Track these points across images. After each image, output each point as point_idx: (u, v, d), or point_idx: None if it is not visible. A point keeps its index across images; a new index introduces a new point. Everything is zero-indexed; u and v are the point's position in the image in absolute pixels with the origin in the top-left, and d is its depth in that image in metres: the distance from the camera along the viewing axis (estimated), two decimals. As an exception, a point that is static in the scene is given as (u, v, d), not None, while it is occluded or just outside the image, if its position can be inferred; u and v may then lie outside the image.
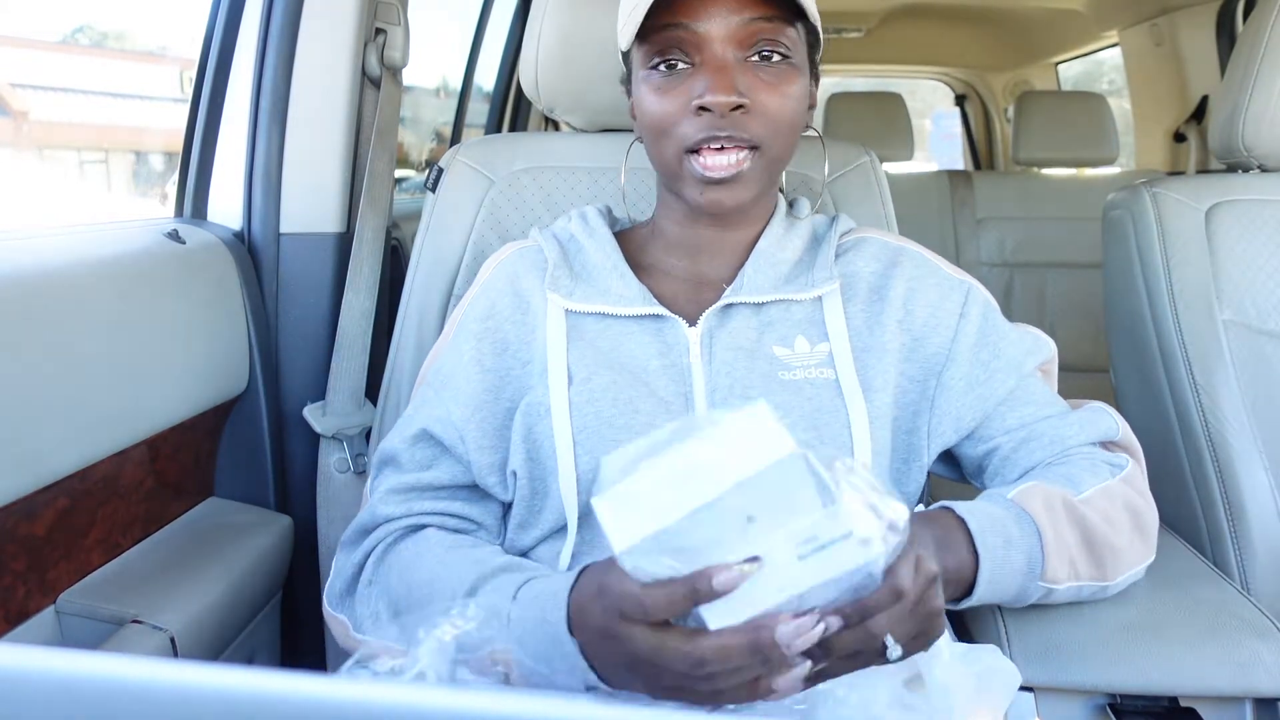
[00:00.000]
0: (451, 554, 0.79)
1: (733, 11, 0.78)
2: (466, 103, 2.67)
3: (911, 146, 2.96)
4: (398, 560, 0.81)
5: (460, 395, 0.84)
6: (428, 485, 0.85)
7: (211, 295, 1.18)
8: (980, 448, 0.87)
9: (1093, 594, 0.81)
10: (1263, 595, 1.09)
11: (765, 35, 0.79)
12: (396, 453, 0.86)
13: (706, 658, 0.57)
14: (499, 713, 0.24)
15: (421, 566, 0.79)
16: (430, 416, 0.85)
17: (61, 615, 0.95)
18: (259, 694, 0.24)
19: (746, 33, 0.78)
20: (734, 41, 0.78)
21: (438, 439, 0.85)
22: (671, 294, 0.87)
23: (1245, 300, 1.19)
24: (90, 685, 0.24)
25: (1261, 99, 1.20)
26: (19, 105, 1.65)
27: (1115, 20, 2.79)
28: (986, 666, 0.66)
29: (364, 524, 0.85)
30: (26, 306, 0.88)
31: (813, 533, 0.56)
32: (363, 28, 1.31)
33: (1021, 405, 0.86)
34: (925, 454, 0.85)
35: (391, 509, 0.84)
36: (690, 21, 0.78)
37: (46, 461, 0.89)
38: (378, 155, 1.34)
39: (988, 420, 0.86)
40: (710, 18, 0.78)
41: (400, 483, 0.85)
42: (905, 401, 0.85)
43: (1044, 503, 0.77)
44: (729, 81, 0.77)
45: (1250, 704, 0.80)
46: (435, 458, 0.85)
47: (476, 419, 0.84)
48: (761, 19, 0.78)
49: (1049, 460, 0.85)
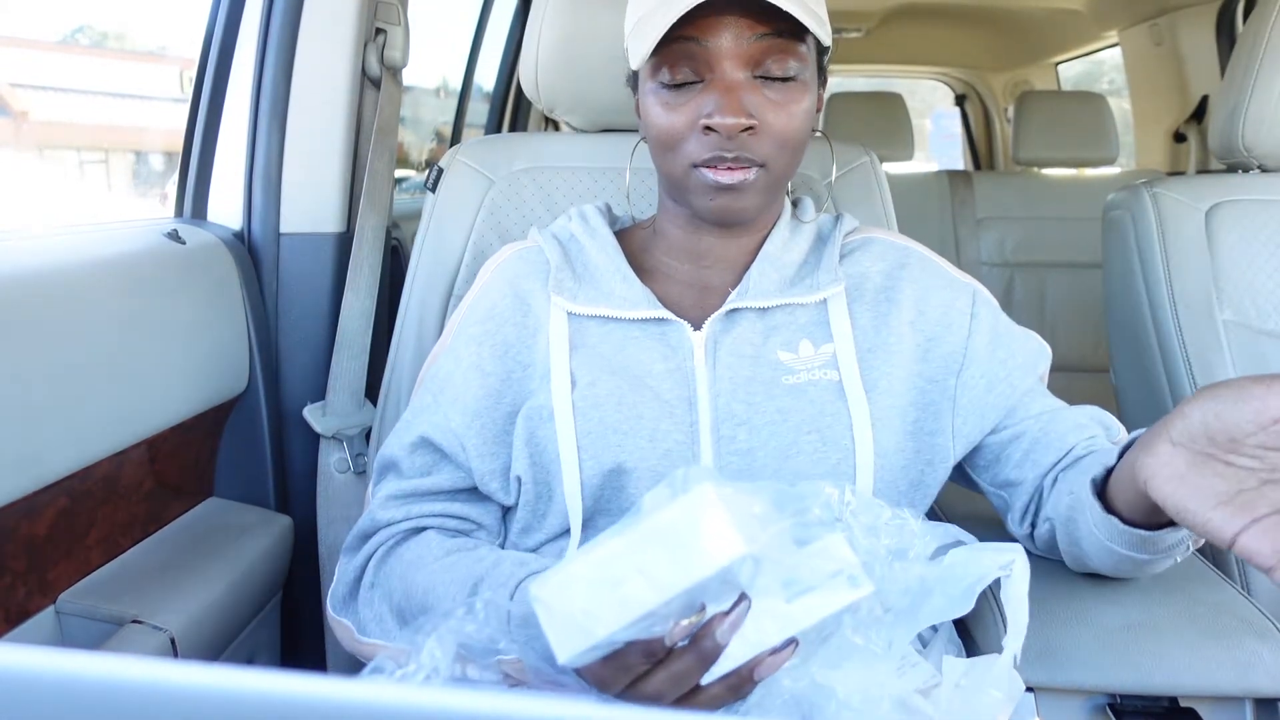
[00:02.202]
0: (451, 556, 0.79)
1: (745, 29, 0.77)
2: (466, 103, 2.67)
3: (912, 146, 2.96)
4: (398, 563, 0.81)
5: (460, 402, 0.84)
6: (428, 490, 0.85)
7: (211, 295, 1.18)
8: (1003, 435, 0.86)
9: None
10: (1263, 596, 1.09)
11: (775, 54, 0.78)
12: (397, 459, 0.86)
13: (699, 707, 0.60)
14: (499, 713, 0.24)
15: (422, 568, 0.79)
16: (429, 423, 0.85)
17: (61, 615, 0.95)
18: (259, 694, 0.24)
19: (757, 50, 0.77)
20: (744, 60, 0.77)
21: (438, 446, 0.84)
22: (675, 297, 0.87)
23: (1245, 300, 1.19)
24: (90, 685, 0.24)
25: (1261, 99, 1.20)
26: (19, 105, 1.65)
27: (1115, 20, 2.79)
28: (991, 677, 0.66)
29: (364, 529, 0.85)
30: (27, 306, 0.88)
31: (798, 574, 0.57)
32: (363, 28, 1.31)
33: (1042, 396, 0.87)
34: (951, 454, 0.85)
35: (391, 513, 0.84)
36: (702, 37, 0.77)
37: (47, 461, 0.89)
38: (378, 155, 1.34)
39: (1010, 412, 0.86)
40: (721, 35, 0.77)
41: (400, 488, 0.85)
42: (925, 403, 0.84)
43: None
44: (737, 103, 0.76)
45: (1250, 704, 0.80)
46: (435, 463, 0.85)
47: (477, 426, 0.83)
48: (773, 36, 0.77)
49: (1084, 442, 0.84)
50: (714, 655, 0.59)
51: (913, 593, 0.67)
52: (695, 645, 0.59)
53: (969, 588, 0.67)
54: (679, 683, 0.60)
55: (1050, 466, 0.84)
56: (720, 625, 0.58)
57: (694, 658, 0.59)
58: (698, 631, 0.59)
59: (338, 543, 1.27)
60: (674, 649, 0.59)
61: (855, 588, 0.56)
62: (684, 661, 0.59)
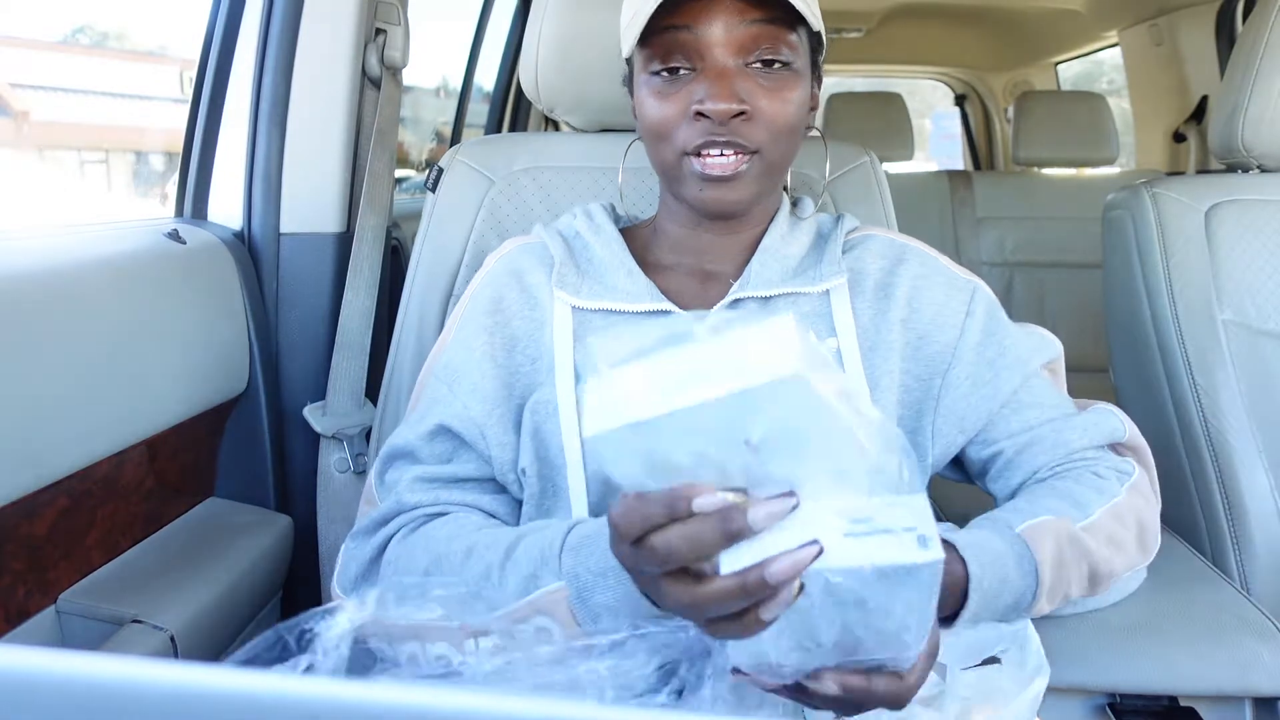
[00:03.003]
0: (489, 529, 0.78)
1: (735, 16, 0.77)
2: (466, 103, 2.67)
3: (911, 146, 2.96)
4: (424, 538, 0.79)
5: (478, 391, 0.83)
6: (452, 477, 0.83)
7: (212, 295, 1.19)
8: (984, 451, 0.86)
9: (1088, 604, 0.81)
10: (1262, 596, 1.09)
11: (767, 41, 0.78)
12: (413, 448, 0.84)
13: (700, 602, 0.54)
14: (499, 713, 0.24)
15: (460, 538, 0.77)
16: (447, 412, 0.84)
17: (62, 615, 0.95)
18: (259, 694, 0.24)
19: (748, 37, 0.78)
20: (735, 47, 0.78)
21: (457, 434, 0.83)
22: (678, 290, 0.87)
23: (1245, 300, 1.19)
24: (90, 685, 0.24)
25: (1261, 99, 1.20)
26: (20, 105, 1.65)
27: (1115, 20, 2.79)
28: (995, 686, 0.66)
29: (385, 513, 0.83)
30: (28, 306, 0.88)
31: (869, 514, 0.51)
32: (363, 28, 1.31)
33: (1026, 408, 0.85)
34: (929, 455, 0.85)
35: (419, 496, 0.82)
36: (692, 25, 0.78)
37: (47, 461, 0.89)
38: (378, 155, 1.34)
39: (992, 423, 0.85)
40: (712, 22, 0.77)
41: (425, 473, 0.83)
42: (909, 400, 0.84)
43: (1054, 545, 0.74)
44: (729, 88, 0.77)
45: (1249, 703, 0.80)
46: (454, 451, 0.84)
47: (496, 415, 0.83)
48: (763, 23, 0.78)
49: (1054, 465, 0.83)
50: (737, 532, 0.52)
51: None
52: (722, 514, 0.52)
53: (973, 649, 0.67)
54: (693, 546, 0.53)
55: (1014, 490, 0.84)
56: (757, 508, 0.52)
57: (717, 526, 0.52)
58: (729, 507, 0.52)
59: (338, 542, 1.26)
60: (698, 515, 0.53)
61: (924, 549, 0.50)
62: (704, 525, 0.52)
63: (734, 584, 0.52)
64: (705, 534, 0.52)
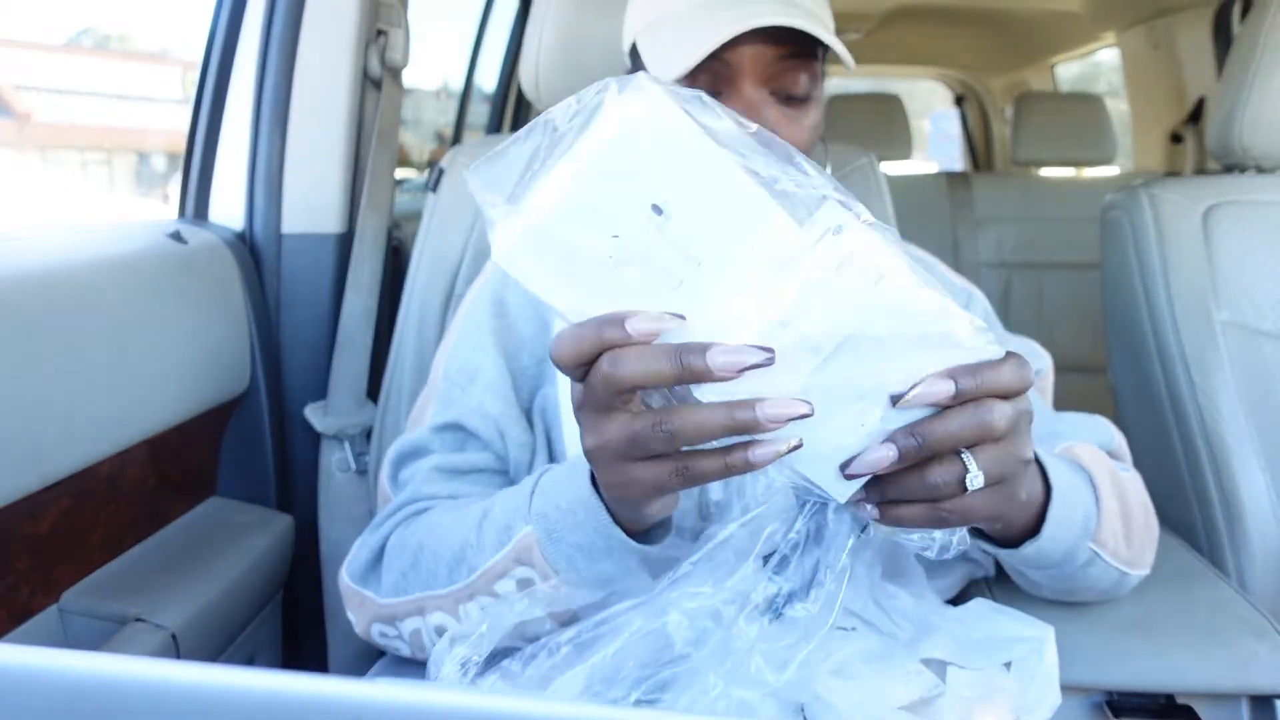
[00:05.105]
0: (461, 506, 0.77)
1: (767, 48, 0.77)
2: (467, 104, 2.68)
3: (910, 147, 2.96)
4: (421, 520, 0.79)
5: (495, 389, 0.83)
6: (469, 466, 0.83)
7: (213, 295, 1.19)
8: None
9: (1114, 584, 0.78)
10: (1259, 594, 1.10)
11: (793, 74, 0.78)
12: (425, 441, 0.84)
13: (676, 431, 0.48)
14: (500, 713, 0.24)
15: (451, 512, 0.77)
16: (463, 409, 0.83)
17: (64, 614, 0.95)
18: (260, 694, 0.24)
19: (777, 70, 0.78)
20: (763, 78, 0.78)
21: (472, 432, 0.83)
22: None
23: (1242, 300, 1.19)
24: (92, 685, 0.24)
25: (1258, 100, 1.21)
26: (23, 107, 1.65)
27: (1113, 22, 2.79)
28: (998, 688, 0.66)
29: (400, 503, 0.82)
30: (29, 306, 0.88)
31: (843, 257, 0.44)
32: (364, 29, 1.31)
33: None
34: None
35: (436, 488, 0.81)
36: (724, 53, 0.77)
37: (49, 461, 0.89)
38: (379, 156, 1.34)
39: None
40: (743, 51, 0.77)
41: (442, 462, 0.82)
42: None
43: (1095, 461, 0.73)
44: (754, 120, 0.77)
45: (1246, 701, 0.80)
46: (465, 441, 0.83)
47: (514, 413, 0.83)
48: (792, 57, 0.78)
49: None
50: (697, 371, 0.46)
51: (915, 623, 0.67)
52: (680, 348, 0.46)
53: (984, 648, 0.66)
54: (642, 358, 0.46)
55: None
56: (714, 351, 0.45)
57: (672, 356, 0.46)
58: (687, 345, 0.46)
59: (339, 541, 1.27)
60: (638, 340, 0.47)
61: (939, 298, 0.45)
62: (652, 347, 0.46)
63: (721, 412, 0.47)
64: (653, 350, 0.47)
